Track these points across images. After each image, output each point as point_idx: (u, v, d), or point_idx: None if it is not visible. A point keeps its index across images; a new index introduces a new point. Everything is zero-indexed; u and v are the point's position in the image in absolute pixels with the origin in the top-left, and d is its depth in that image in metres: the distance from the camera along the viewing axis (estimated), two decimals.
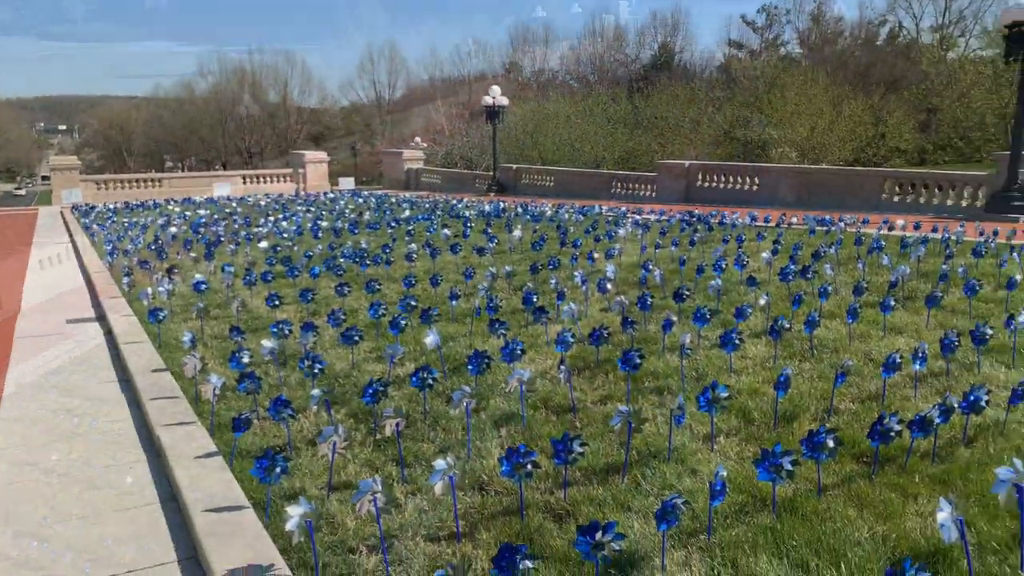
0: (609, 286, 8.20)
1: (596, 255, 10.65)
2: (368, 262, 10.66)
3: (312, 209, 21.01)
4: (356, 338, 6.26)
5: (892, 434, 3.89)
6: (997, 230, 12.43)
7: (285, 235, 14.80)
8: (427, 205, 22.05)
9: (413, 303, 7.45)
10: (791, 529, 3.49)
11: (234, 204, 24.19)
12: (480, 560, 3.37)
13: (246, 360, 5.80)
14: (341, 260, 10.74)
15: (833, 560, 3.24)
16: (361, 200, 25.03)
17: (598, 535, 3.01)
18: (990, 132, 34.94)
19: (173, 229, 16.05)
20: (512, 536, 3.59)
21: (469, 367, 5.39)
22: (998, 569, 3.15)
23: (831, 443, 3.71)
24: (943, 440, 4.42)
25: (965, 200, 18.65)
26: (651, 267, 9.17)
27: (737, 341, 5.79)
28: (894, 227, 13.25)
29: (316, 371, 5.51)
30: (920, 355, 5.16)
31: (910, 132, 39.56)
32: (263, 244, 13.26)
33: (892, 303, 6.85)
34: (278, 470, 3.79)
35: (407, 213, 19.07)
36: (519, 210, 18.56)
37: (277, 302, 7.88)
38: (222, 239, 14.21)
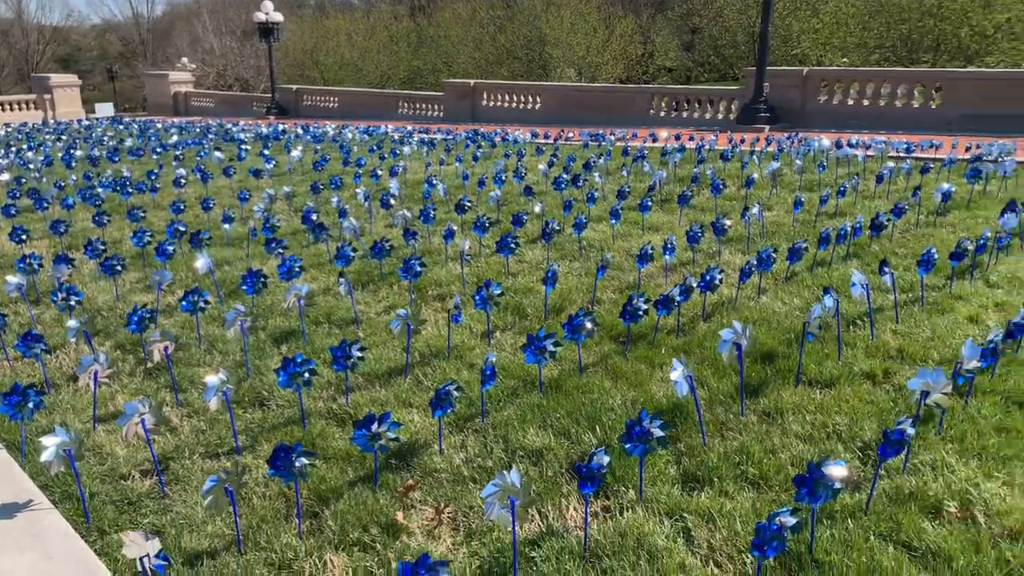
0: (392, 202, 8.20)
1: (380, 173, 10.55)
2: (131, 190, 9.82)
3: (63, 138, 18.84)
4: (118, 268, 5.82)
5: (640, 313, 4.33)
6: (744, 138, 13.83)
7: (31, 166, 13.18)
8: (198, 130, 20.50)
9: (182, 229, 7.02)
10: (555, 404, 3.82)
11: None
12: (261, 468, 3.39)
13: None
14: (99, 189, 9.80)
15: (590, 425, 3.61)
16: (122, 127, 22.77)
17: (374, 427, 3.12)
18: (741, 50, 38.12)
19: None
20: (294, 443, 3.62)
21: (244, 287, 5.23)
22: (724, 416, 3.67)
23: (588, 324, 4.07)
24: (686, 317, 4.98)
25: (721, 114, 20.43)
26: (435, 182, 9.27)
27: (513, 245, 6.07)
28: (658, 139, 14.30)
29: (73, 304, 5.09)
30: (669, 246, 5.72)
31: (675, 51, 42.27)
32: (4, 176, 11.73)
33: (649, 204, 7.47)
34: (31, 405, 3.51)
35: (175, 138, 17.64)
36: (300, 131, 17.83)
37: (23, 236, 7.09)
38: None
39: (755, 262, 5.18)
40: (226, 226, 7.45)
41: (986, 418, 3.52)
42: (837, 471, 2.55)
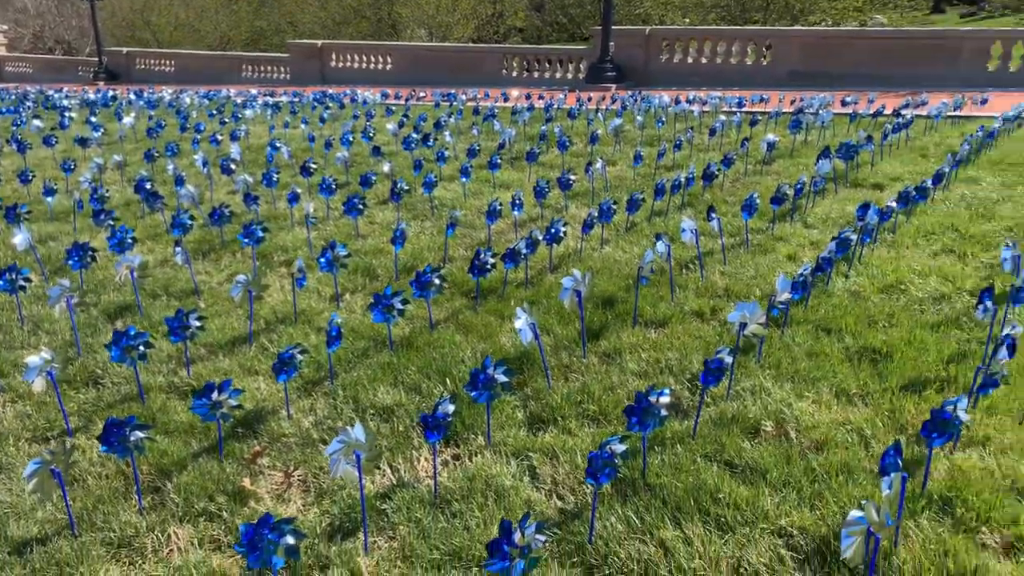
0: (234, 167, 7.84)
1: (221, 138, 10.05)
2: None
3: None
4: None
5: (488, 267, 4.41)
6: (591, 97, 14.19)
7: None
8: (13, 97, 18.68)
9: None
10: (407, 361, 3.86)
11: None
12: (96, 448, 3.22)
13: None
14: None
15: (441, 379, 3.67)
16: None
17: (215, 395, 3.04)
18: (588, 10, 38.82)
19: None
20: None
21: (70, 262, 4.89)
22: (568, 360, 3.84)
23: (436, 281, 4.11)
24: (535, 270, 5.13)
25: (571, 73, 20.81)
26: (279, 145, 8.94)
27: (360, 207, 5.99)
28: (509, 98, 14.40)
29: None
30: (517, 203, 5.83)
31: (524, 11, 42.45)
32: None
33: (499, 162, 7.56)
34: None
35: None
36: (132, 97, 16.63)
37: None
38: None
39: (596, 214, 5.38)
40: (48, 199, 6.89)
41: (799, 345, 3.88)
42: (662, 399, 2.74)
